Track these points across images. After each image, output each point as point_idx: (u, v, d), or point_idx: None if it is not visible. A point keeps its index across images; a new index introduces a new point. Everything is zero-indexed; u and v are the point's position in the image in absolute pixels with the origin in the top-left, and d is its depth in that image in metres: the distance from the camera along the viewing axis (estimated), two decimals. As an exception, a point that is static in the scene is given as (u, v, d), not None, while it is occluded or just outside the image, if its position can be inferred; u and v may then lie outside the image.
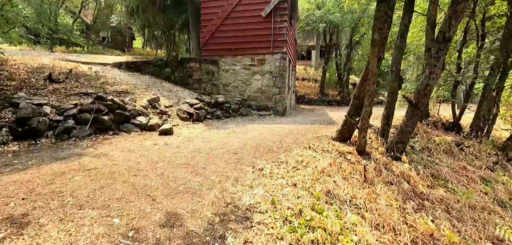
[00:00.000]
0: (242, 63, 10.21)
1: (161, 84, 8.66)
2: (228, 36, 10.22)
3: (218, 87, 10.48)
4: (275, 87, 9.92)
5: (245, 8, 9.96)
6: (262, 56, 9.99)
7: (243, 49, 10.12)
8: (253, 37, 9.99)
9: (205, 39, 10.46)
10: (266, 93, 10.03)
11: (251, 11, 9.93)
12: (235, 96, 10.33)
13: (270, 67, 9.92)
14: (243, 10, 10.00)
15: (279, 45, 9.77)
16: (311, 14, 15.07)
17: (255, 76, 10.11)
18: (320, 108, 14.10)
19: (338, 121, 7.84)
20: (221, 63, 10.43)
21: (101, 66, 9.73)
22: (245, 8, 9.96)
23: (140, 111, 5.88)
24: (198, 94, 8.66)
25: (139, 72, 9.43)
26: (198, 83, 9.44)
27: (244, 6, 9.97)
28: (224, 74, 10.42)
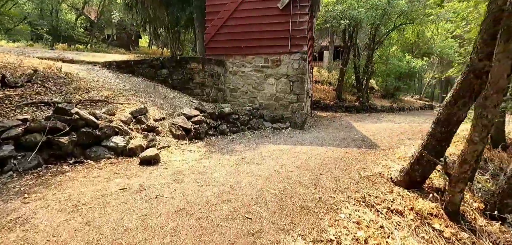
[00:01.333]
0: (254, 65, 8.60)
1: (155, 89, 7.13)
2: (237, 32, 8.63)
3: (224, 92, 8.90)
4: (292, 93, 8.27)
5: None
6: (277, 57, 8.36)
7: (255, 47, 8.51)
8: (267, 34, 8.37)
9: (209, 35, 8.90)
10: (282, 101, 8.39)
11: (266, 2, 8.31)
12: (244, 103, 8.73)
13: (287, 69, 8.28)
14: (255, 1, 8.39)
15: (298, 44, 8.12)
16: (331, 10, 13.34)
17: (269, 80, 8.49)
18: (340, 116, 12.37)
19: (376, 141, 6.14)
20: (228, 64, 8.85)
21: (89, 66, 8.32)
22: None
23: (118, 128, 4.33)
24: (199, 102, 7.09)
25: (131, 74, 7.95)
26: (200, 87, 7.88)
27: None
28: (232, 77, 8.84)
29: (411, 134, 7.25)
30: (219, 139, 5.77)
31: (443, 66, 26.06)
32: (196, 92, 7.84)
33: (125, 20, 23.81)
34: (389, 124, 9.34)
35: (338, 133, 7.27)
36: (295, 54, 8.18)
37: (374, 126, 8.83)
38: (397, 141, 6.23)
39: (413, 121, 10.51)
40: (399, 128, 8.56)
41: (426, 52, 25.27)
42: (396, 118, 11.98)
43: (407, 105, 21.31)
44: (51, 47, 19.76)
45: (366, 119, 11.31)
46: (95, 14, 30.27)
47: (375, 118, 11.70)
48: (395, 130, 7.94)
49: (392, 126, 8.87)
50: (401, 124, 9.49)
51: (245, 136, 6.31)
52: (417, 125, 9.42)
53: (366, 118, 11.76)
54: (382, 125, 9.09)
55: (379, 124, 9.37)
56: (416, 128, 8.57)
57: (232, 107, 7.52)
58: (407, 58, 22.00)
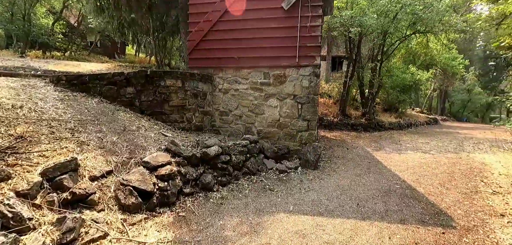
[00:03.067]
0: (250, 81, 6.65)
1: (114, 116, 5.06)
2: (229, 39, 6.71)
3: (211, 116, 6.90)
4: (301, 119, 6.34)
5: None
6: (281, 71, 6.44)
7: (252, 59, 6.59)
8: (268, 41, 6.47)
9: (193, 43, 6.93)
10: (287, 128, 6.44)
11: (266, 1, 6.44)
12: (238, 131, 6.74)
13: (294, 87, 6.37)
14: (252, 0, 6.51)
15: (309, 54, 6.24)
16: (336, 16, 11.62)
17: (270, 101, 6.54)
18: (350, 139, 10.52)
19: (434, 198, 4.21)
20: (217, 80, 6.87)
21: (33, 81, 6.25)
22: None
23: (3, 212, 2.27)
24: (174, 138, 5.07)
25: (85, 93, 5.86)
26: (179, 112, 5.87)
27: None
28: (222, 96, 6.85)
29: (464, 176, 5.40)
30: (201, 202, 3.72)
31: (447, 79, 24.85)
32: (173, 119, 5.81)
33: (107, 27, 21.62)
34: (418, 154, 7.51)
35: (367, 176, 5.34)
36: (305, 68, 6.29)
37: (402, 158, 6.98)
38: (461, 196, 4.34)
39: (440, 148, 8.74)
40: (435, 161, 6.73)
41: (430, 63, 24.04)
42: (416, 141, 10.21)
43: (412, 119, 19.83)
44: (20, 55, 17.44)
45: (382, 143, 9.49)
46: (75, 19, 28.04)
47: (392, 142, 9.90)
48: (436, 167, 6.09)
49: (425, 158, 7.04)
50: (433, 153, 7.68)
51: (240, 190, 4.29)
52: (452, 154, 7.63)
53: (381, 141, 9.95)
54: (411, 157, 7.24)
55: (406, 155, 7.53)
56: (457, 161, 6.76)
57: (222, 140, 5.52)
58: (412, 70, 20.56)
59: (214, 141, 4.68)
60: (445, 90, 34.59)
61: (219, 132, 6.86)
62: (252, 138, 5.56)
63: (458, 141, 10.72)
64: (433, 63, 23.85)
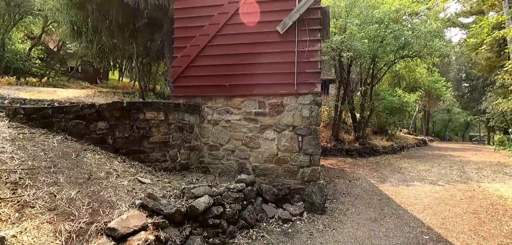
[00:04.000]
0: (244, 111, 5.92)
1: (78, 159, 4.10)
2: (219, 65, 6.02)
3: (199, 152, 6.02)
4: (302, 153, 5.59)
5: (249, 20, 5.91)
6: (278, 100, 5.77)
7: (246, 86, 5.90)
8: (262, 68, 5.83)
9: (179, 69, 6.19)
10: (287, 164, 5.66)
11: (259, 24, 5.88)
12: (230, 168, 5.88)
13: (293, 118, 5.67)
14: (244, 23, 5.94)
15: (308, 81, 5.63)
16: (328, 40, 11.38)
17: (267, 133, 5.79)
18: (348, 167, 9.87)
19: None
20: (206, 110, 6.09)
21: None
22: (249, 20, 5.91)
23: None
24: (155, 179, 4.16)
25: (47, 129, 4.88)
26: (162, 149, 4.97)
27: (247, 16, 5.92)
28: (211, 128, 6.04)
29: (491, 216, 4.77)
30: (186, 281, 2.80)
31: (432, 100, 25.39)
32: (154, 158, 4.89)
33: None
34: (427, 187, 6.90)
35: (384, 221, 4.58)
36: (305, 96, 5.65)
37: (413, 193, 6.32)
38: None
39: (445, 177, 8.22)
40: (449, 195, 6.12)
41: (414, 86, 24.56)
42: (417, 168, 9.69)
43: (403, 141, 19.73)
44: None
45: (384, 172, 8.88)
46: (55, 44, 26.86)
47: (393, 170, 9.32)
48: (455, 205, 5.46)
49: (437, 192, 6.42)
50: (442, 185, 7.10)
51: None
52: (462, 185, 7.08)
53: (382, 170, 9.34)
54: (421, 190, 6.61)
55: (414, 187, 6.90)
56: (472, 194, 6.19)
57: (212, 182, 4.64)
58: (399, 92, 20.76)
59: (203, 188, 3.80)
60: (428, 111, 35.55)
61: (208, 170, 5.97)
62: (249, 178, 4.71)
63: (458, 166, 10.33)
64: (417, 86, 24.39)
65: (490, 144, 31.39)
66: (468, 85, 43.74)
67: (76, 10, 9.23)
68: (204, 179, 5.01)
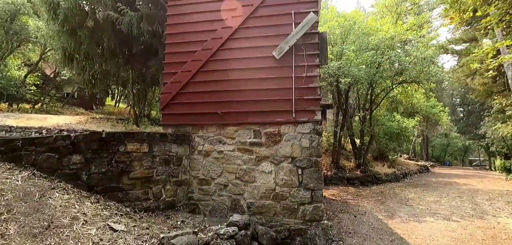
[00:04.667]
0: (237, 141, 5.41)
1: (41, 201, 3.51)
2: (211, 92, 5.61)
3: (187, 187, 5.42)
4: (303, 188, 5.02)
5: (244, 45, 5.60)
6: (275, 129, 5.29)
7: (240, 114, 5.44)
8: (258, 94, 5.42)
9: (168, 96, 5.76)
10: (286, 200, 5.06)
11: (254, 50, 5.56)
12: (223, 205, 5.27)
13: (292, 148, 5.16)
14: (239, 48, 5.62)
15: (307, 108, 5.20)
16: (326, 66, 11.18)
17: (263, 166, 5.24)
18: (352, 199, 9.22)
19: None
20: (196, 141, 5.57)
21: None
22: (244, 45, 5.60)
23: None
24: (132, 223, 3.55)
25: (15, 163, 4.31)
26: (144, 185, 4.39)
27: (241, 42, 5.61)
28: (202, 160, 5.49)
29: None
30: None
31: (431, 125, 25.13)
32: (134, 196, 4.29)
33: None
34: (441, 224, 6.27)
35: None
36: (304, 125, 5.19)
37: (427, 232, 5.69)
38: None
39: (458, 210, 7.61)
40: (468, 235, 5.49)
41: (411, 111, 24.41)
42: (425, 200, 9.05)
43: (405, 168, 19.12)
44: None
45: (390, 204, 8.23)
46: (51, 70, 26.79)
47: (400, 202, 8.67)
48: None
49: (453, 230, 5.79)
50: (457, 221, 6.48)
51: None
52: (479, 220, 6.47)
53: (388, 202, 8.69)
54: (435, 227, 5.98)
55: (427, 223, 6.28)
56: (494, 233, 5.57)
57: (201, 224, 4.02)
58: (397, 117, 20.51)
59: (187, 237, 3.19)
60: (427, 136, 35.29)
61: (197, 207, 5.34)
62: (242, 219, 4.10)
63: (468, 196, 9.71)
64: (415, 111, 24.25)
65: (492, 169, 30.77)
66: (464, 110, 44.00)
67: (68, 37, 8.99)
68: (191, 220, 4.38)
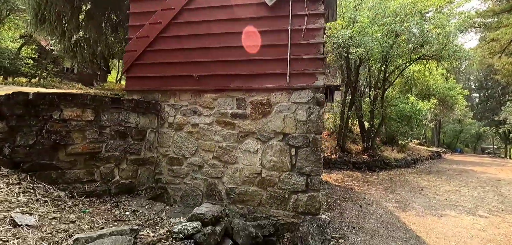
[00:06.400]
0: (216, 111, 4.30)
1: None
2: (185, 50, 4.45)
3: (155, 167, 4.40)
4: (296, 172, 3.93)
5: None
6: (264, 96, 4.14)
7: (220, 78, 4.30)
8: (243, 53, 4.23)
9: (133, 55, 4.62)
10: (274, 187, 4.00)
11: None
12: (196, 189, 4.25)
13: (284, 122, 4.03)
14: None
15: (306, 71, 4.00)
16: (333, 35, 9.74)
17: (247, 143, 4.15)
18: (357, 185, 8.16)
19: None
20: (166, 110, 4.49)
21: None
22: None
23: None
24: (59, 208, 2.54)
25: None
26: (87, 163, 3.38)
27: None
28: (173, 134, 4.43)
29: None
30: None
31: (446, 109, 23.45)
32: (74, 177, 3.29)
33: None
34: (466, 219, 5.17)
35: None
36: (301, 92, 4.02)
37: (449, 229, 4.60)
38: None
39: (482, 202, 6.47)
40: (504, 236, 4.38)
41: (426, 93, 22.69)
42: (441, 188, 7.91)
43: (416, 153, 17.84)
44: None
45: (402, 193, 7.13)
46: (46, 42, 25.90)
47: (412, 191, 7.56)
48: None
49: (482, 228, 4.69)
50: (484, 215, 5.36)
51: None
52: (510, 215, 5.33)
53: (399, 189, 7.58)
54: (459, 223, 4.89)
55: (447, 218, 5.19)
56: None
57: (156, 217, 3.02)
58: (411, 99, 18.95)
59: (116, 240, 2.17)
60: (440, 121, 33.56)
61: (166, 192, 4.35)
62: (210, 211, 3.05)
63: (490, 186, 8.51)
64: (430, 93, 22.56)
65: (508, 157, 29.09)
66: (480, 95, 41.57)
67: (37, -8, 7.81)
68: (148, 209, 3.38)
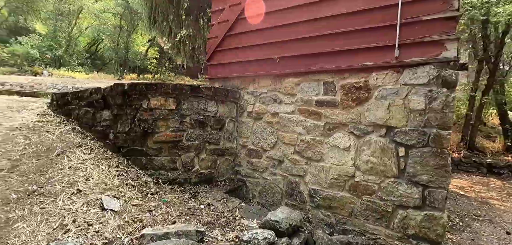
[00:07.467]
0: (299, 98, 3.66)
1: (57, 159, 3.08)
2: (264, 31, 3.98)
3: (233, 158, 4.20)
4: (406, 180, 2.86)
5: None
6: (359, 78, 3.20)
7: (303, 59, 3.61)
8: (332, 24, 3.38)
9: (214, 42, 4.53)
10: (372, 196, 3.06)
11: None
12: (276, 186, 3.80)
13: (389, 112, 2.98)
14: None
15: (427, 38, 2.79)
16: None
17: (335, 137, 3.34)
18: (496, 198, 5.82)
19: None
20: (245, 98, 4.19)
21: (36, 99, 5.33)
22: None
23: None
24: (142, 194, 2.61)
25: (66, 117, 4.27)
26: (170, 151, 3.45)
27: None
28: (252, 124, 4.10)
29: None
30: None
31: None
32: (159, 164, 3.42)
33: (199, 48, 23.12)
34: None
35: None
36: (416, 70, 2.85)
37: None
38: None
39: None
40: None
41: None
42: None
43: None
44: (119, 77, 19.81)
45: None
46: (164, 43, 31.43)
47: None
48: None
49: None
50: None
51: None
52: None
53: None
54: None
55: None
56: None
57: (228, 215, 2.75)
58: None
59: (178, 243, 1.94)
60: None
61: (245, 185, 4.10)
62: (287, 218, 2.51)
63: None
64: None
65: None
66: None
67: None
68: (222, 204, 3.17)
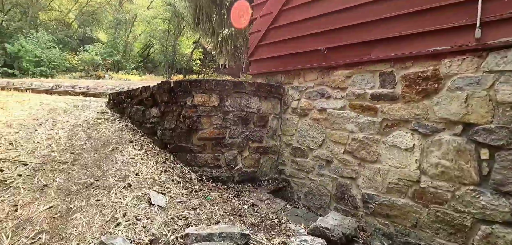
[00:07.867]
0: (350, 92, 3.30)
1: (111, 153, 3.28)
2: (310, 20, 3.69)
3: (277, 157, 4.00)
4: (490, 188, 2.32)
5: None
6: (425, 67, 2.71)
7: (355, 48, 3.23)
8: (389, 6, 2.95)
9: (257, 36, 4.38)
10: (443, 206, 2.58)
11: None
12: (323, 188, 3.50)
13: (467, 105, 2.46)
14: None
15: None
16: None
17: (395, 135, 2.91)
18: None
19: None
20: (290, 94, 3.96)
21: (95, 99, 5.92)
22: None
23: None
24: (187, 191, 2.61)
25: (121, 115, 4.59)
26: (213, 149, 3.41)
27: None
28: (297, 122, 3.85)
29: None
30: None
31: None
32: (203, 161, 3.41)
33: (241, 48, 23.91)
34: None
35: None
36: (507, 52, 2.29)
37: None
38: None
39: None
40: None
41: None
42: None
43: None
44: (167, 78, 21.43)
45: None
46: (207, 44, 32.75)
47: None
48: None
49: None
50: None
51: None
52: None
53: None
54: None
55: None
56: None
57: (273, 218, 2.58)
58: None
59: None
60: None
61: (289, 185, 3.88)
62: (340, 226, 2.24)
63: None
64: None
65: None
66: None
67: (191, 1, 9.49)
68: (266, 205, 3.01)
